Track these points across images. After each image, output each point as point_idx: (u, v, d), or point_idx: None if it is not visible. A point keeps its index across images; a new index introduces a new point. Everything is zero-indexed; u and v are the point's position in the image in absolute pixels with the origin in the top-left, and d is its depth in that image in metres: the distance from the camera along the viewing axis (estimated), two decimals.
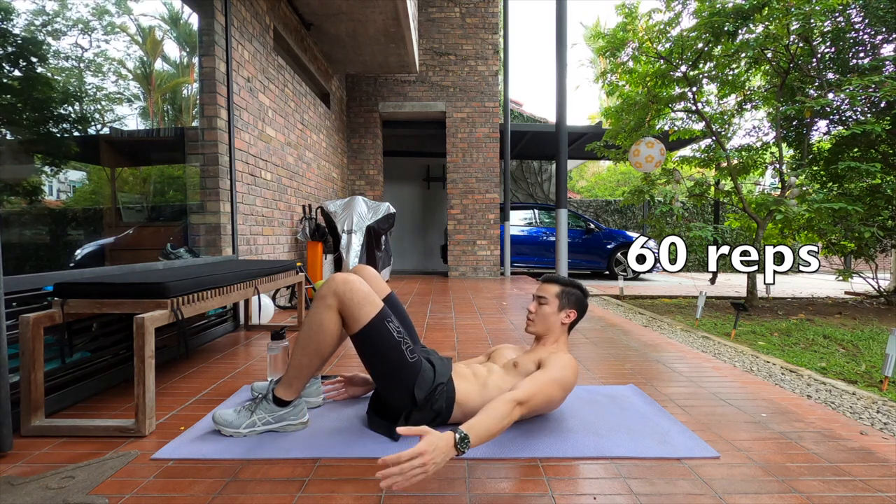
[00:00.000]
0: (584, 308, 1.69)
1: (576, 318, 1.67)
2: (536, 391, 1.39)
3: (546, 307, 1.64)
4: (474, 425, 1.17)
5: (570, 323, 1.67)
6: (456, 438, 1.10)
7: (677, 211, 5.43)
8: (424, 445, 1.05)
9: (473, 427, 1.16)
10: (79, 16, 2.43)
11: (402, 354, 1.43)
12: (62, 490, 1.16)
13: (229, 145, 3.20)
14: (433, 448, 1.05)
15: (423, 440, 1.06)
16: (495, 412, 1.23)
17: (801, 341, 3.55)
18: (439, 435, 1.09)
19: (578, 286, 1.69)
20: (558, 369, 1.48)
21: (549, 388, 1.44)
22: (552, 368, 1.48)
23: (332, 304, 1.43)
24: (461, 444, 1.10)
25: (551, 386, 1.45)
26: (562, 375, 1.47)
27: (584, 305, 1.69)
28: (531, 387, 1.39)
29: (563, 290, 1.66)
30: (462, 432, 1.12)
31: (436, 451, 1.05)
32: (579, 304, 1.67)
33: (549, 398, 1.46)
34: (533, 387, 1.39)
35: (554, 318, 1.64)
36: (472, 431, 1.14)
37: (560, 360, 1.51)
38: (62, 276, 1.76)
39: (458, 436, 1.11)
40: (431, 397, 1.44)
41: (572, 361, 1.54)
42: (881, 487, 1.21)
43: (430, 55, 7.18)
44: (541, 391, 1.41)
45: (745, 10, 4.65)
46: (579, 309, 1.67)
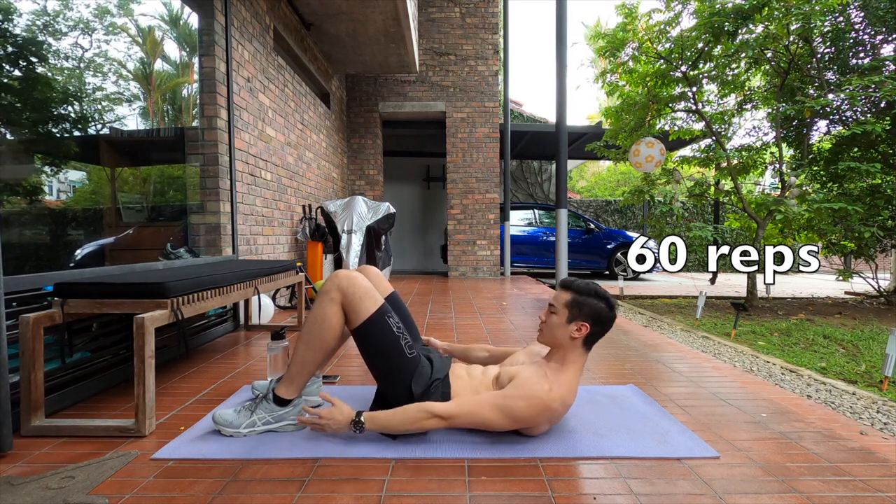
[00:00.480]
0: (602, 321, 1.43)
1: (589, 332, 1.42)
2: (464, 412, 1.37)
3: (554, 317, 1.45)
4: (377, 416, 1.38)
5: (584, 338, 1.43)
6: (353, 419, 1.38)
7: (677, 211, 5.43)
8: (326, 412, 1.40)
9: (376, 417, 1.38)
10: (79, 16, 2.43)
11: (400, 349, 1.44)
12: (62, 490, 1.16)
13: (229, 145, 3.20)
14: (331, 417, 1.39)
15: (331, 409, 1.40)
16: (404, 414, 1.38)
17: (801, 341, 3.55)
18: (344, 411, 1.40)
19: (597, 294, 1.43)
20: (511, 398, 1.36)
21: (483, 412, 1.36)
22: (504, 394, 1.38)
23: (335, 297, 1.45)
24: (355, 426, 1.38)
25: (488, 409, 1.36)
26: (511, 406, 1.35)
27: (604, 318, 1.43)
28: (462, 405, 1.38)
29: (575, 298, 1.43)
30: (361, 418, 1.38)
31: (332, 420, 1.39)
32: (595, 316, 1.42)
33: (483, 421, 1.37)
34: (463, 406, 1.38)
35: (561, 332, 1.43)
36: (371, 420, 1.38)
37: (524, 389, 1.36)
38: (62, 276, 1.76)
39: (356, 418, 1.38)
40: (427, 392, 1.45)
41: (543, 396, 1.35)
42: (881, 487, 1.21)
43: (430, 55, 7.17)
44: (472, 412, 1.36)
45: (745, 10, 4.65)
46: (595, 322, 1.42)
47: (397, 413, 1.38)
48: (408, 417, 1.37)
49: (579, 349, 1.45)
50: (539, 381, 1.39)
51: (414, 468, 1.29)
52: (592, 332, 1.43)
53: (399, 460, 1.32)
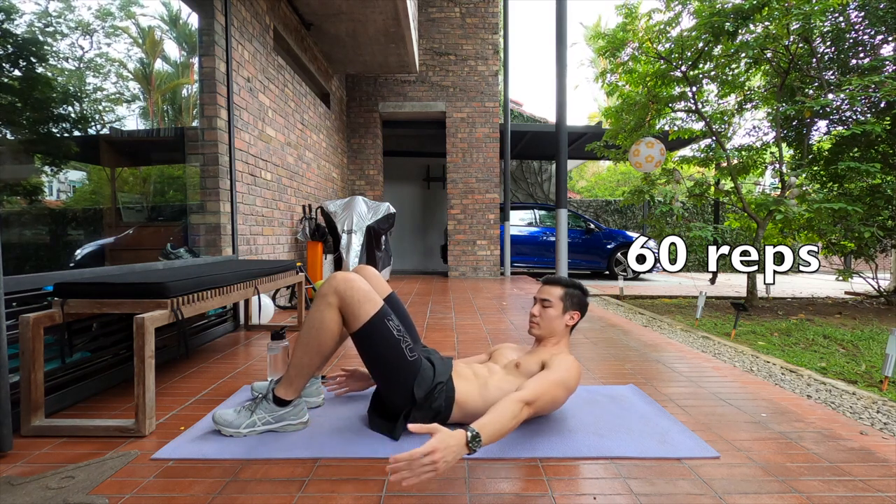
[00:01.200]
0: (586, 308, 1.70)
1: (579, 319, 1.67)
2: (543, 392, 1.39)
3: (551, 310, 1.64)
4: (485, 424, 1.17)
5: (573, 325, 1.67)
6: (468, 437, 1.10)
7: (677, 211, 5.43)
8: (436, 443, 1.05)
9: (485, 426, 1.16)
10: (79, 16, 2.43)
11: (401, 353, 1.43)
12: (62, 490, 1.16)
13: (229, 145, 3.20)
14: (444, 446, 1.05)
15: (435, 437, 1.06)
16: (505, 411, 1.23)
17: (801, 341, 3.55)
18: (450, 433, 1.08)
19: (580, 287, 1.69)
20: (563, 371, 1.48)
21: (554, 390, 1.44)
22: (557, 370, 1.48)
23: (333, 301, 1.43)
24: (473, 443, 1.11)
25: (557, 387, 1.45)
26: (566, 377, 1.48)
27: (586, 306, 1.70)
28: (538, 387, 1.39)
29: (567, 292, 1.66)
30: (474, 430, 1.12)
31: (447, 450, 1.05)
32: (581, 305, 1.68)
33: (554, 399, 1.46)
34: (540, 388, 1.39)
35: (558, 322, 1.64)
36: (483, 430, 1.14)
37: (564, 362, 1.51)
38: (62, 276, 1.76)
39: (469, 434, 1.11)
40: (431, 396, 1.44)
41: (576, 363, 1.54)
42: (881, 487, 1.21)
43: (430, 55, 7.17)
44: (547, 392, 1.41)
45: (745, 10, 4.65)
46: (582, 310, 1.68)
47: (500, 414, 1.23)
48: (510, 414, 1.24)
49: (568, 335, 1.68)
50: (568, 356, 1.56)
51: None
52: (580, 318, 1.68)
53: None
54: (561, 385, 1.46)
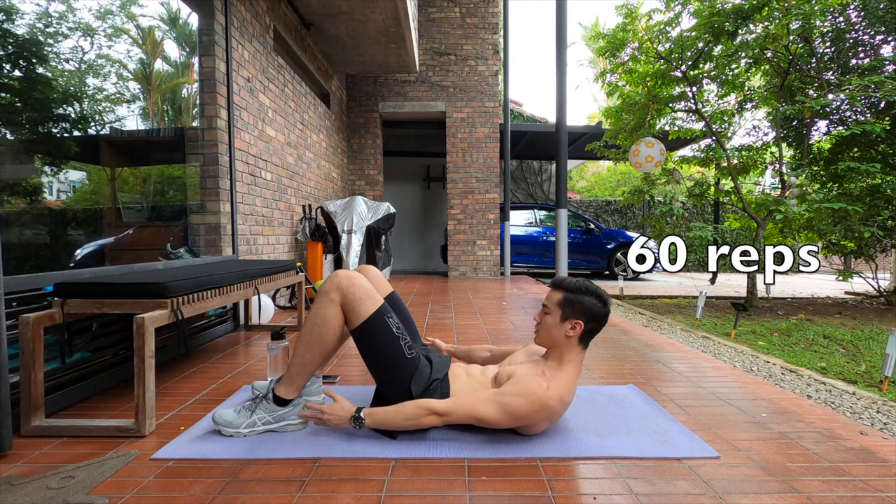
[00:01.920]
0: (596, 317, 1.43)
1: (584, 329, 1.43)
2: (462, 407, 1.38)
3: (548, 317, 1.46)
4: (376, 412, 1.41)
5: (579, 336, 1.44)
6: (353, 415, 1.40)
7: (677, 211, 5.42)
8: (328, 408, 1.42)
9: (374, 413, 1.40)
10: (79, 16, 2.43)
11: (400, 349, 1.44)
12: (62, 490, 1.16)
13: (229, 145, 3.19)
14: (332, 412, 1.41)
15: (332, 404, 1.43)
16: (402, 410, 1.39)
17: (801, 341, 3.55)
18: (343, 406, 1.42)
19: (588, 290, 1.44)
20: (509, 395, 1.36)
21: (481, 408, 1.37)
22: (502, 392, 1.38)
23: (335, 298, 1.45)
24: (354, 422, 1.40)
25: (485, 406, 1.37)
26: (510, 403, 1.35)
27: (598, 314, 1.43)
28: (459, 402, 1.40)
29: (567, 297, 1.44)
30: (361, 413, 1.40)
31: (334, 415, 1.41)
32: (588, 313, 1.42)
33: (480, 418, 1.37)
34: (460, 403, 1.39)
35: (556, 331, 1.44)
36: (370, 416, 1.40)
37: (520, 386, 1.37)
38: (62, 276, 1.76)
39: (356, 414, 1.40)
40: (427, 392, 1.45)
41: (540, 394, 1.35)
42: (881, 487, 1.21)
43: (430, 55, 7.17)
44: (468, 409, 1.37)
45: (744, 10, 4.65)
46: (588, 319, 1.43)
47: (396, 409, 1.39)
48: (406, 414, 1.38)
49: (576, 347, 1.45)
50: (536, 379, 1.39)
51: (414, 468, 1.29)
52: (587, 329, 1.44)
53: (399, 460, 1.32)
54: (495, 406, 1.36)
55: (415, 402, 1.39)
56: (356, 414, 1.40)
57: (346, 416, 1.40)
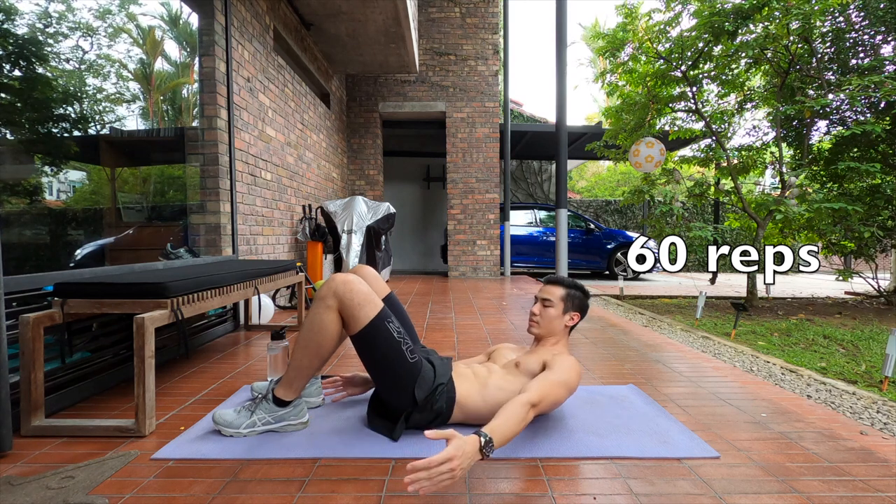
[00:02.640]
0: (586, 310, 1.71)
1: (579, 320, 1.68)
2: (547, 393, 1.39)
3: (551, 310, 1.64)
4: (496, 428, 1.16)
5: (573, 325, 1.68)
6: (481, 442, 1.09)
7: (677, 211, 5.42)
8: (453, 450, 1.03)
9: (496, 430, 1.16)
10: (79, 16, 2.43)
11: (402, 355, 1.42)
12: (62, 490, 1.16)
13: (229, 145, 3.20)
14: (461, 453, 1.03)
15: (452, 444, 1.04)
16: (514, 415, 1.23)
17: (801, 341, 3.55)
18: (465, 439, 1.07)
19: (581, 288, 1.70)
20: (565, 371, 1.48)
21: (557, 390, 1.44)
22: (559, 370, 1.48)
23: (331, 304, 1.42)
24: (486, 448, 1.10)
25: (559, 388, 1.44)
26: (568, 378, 1.48)
27: (587, 307, 1.71)
28: (542, 388, 1.38)
29: (568, 292, 1.66)
30: (486, 435, 1.11)
31: (464, 456, 1.04)
32: (582, 307, 1.68)
33: (556, 399, 1.46)
34: (543, 388, 1.39)
35: (558, 322, 1.64)
36: (494, 434, 1.14)
37: (565, 362, 1.51)
38: (62, 276, 1.76)
39: (483, 439, 1.10)
40: (432, 397, 1.44)
41: (576, 364, 1.54)
42: (881, 487, 1.21)
43: (430, 55, 7.17)
44: (550, 393, 1.41)
45: (744, 10, 4.65)
46: (582, 312, 1.68)
47: (508, 417, 1.22)
48: (518, 417, 1.24)
49: (567, 335, 1.69)
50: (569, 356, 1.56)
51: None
52: (580, 320, 1.68)
53: (399, 460, 1.32)
54: (563, 385, 1.46)
55: (517, 402, 1.28)
56: (485, 439, 1.11)
57: (475, 448, 1.09)
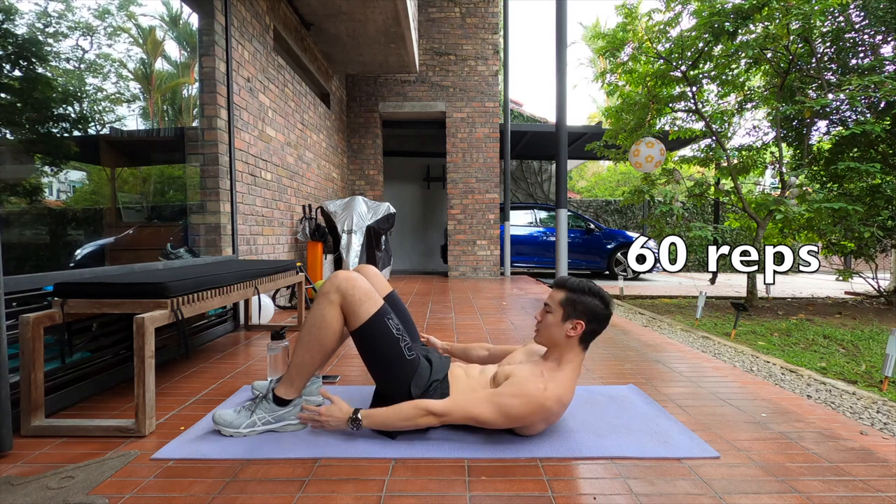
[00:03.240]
0: (598, 318, 1.43)
1: (585, 330, 1.42)
2: (460, 408, 1.38)
3: (549, 316, 1.45)
4: (373, 414, 1.41)
5: (580, 336, 1.43)
6: (351, 416, 1.41)
7: (677, 211, 5.42)
8: (325, 409, 1.43)
9: (371, 415, 1.41)
10: (80, 16, 2.43)
11: (400, 351, 1.44)
12: (62, 490, 1.16)
13: (229, 145, 3.19)
14: (330, 414, 1.43)
15: (330, 406, 1.44)
16: (399, 411, 1.39)
17: (801, 341, 3.55)
18: (341, 408, 1.43)
19: (591, 291, 1.43)
20: (507, 396, 1.36)
21: (478, 408, 1.36)
22: (499, 392, 1.38)
23: (334, 300, 1.44)
24: (352, 423, 1.41)
25: (482, 406, 1.36)
26: (506, 403, 1.35)
27: (600, 315, 1.42)
28: (456, 403, 1.39)
29: (569, 296, 1.43)
30: (358, 415, 1.41)
31: (331, 416, 1.42)
32: (590, 313, 1.41)
33: (477, 418, 1.37)
34: (457, 403, 1.39)
35: (557, 331, 1.43)
36: (368, 418, 1.41)
37: (518, 387, 1.36)
38: (62, 276, 1.76)
39: (353, 416, 1.41)
40: (426, 393, 1.45)
41: (537, 395, 1.34)
42: (881, 487, 1.21)
43: (430, 55, 7.17)
44: (467, 409, 1.37)
45: (744, 10, 4.65)
46: (590, 320, 1.42)
47: (393, 410, 1.40)
48: (403, 414, 1.38)
49: (576, 348, 1.44)
50: (534, 379, 1.38)
51: (414, 468, 1.29)
52: (588, 329, 1.42)
53: (399, 460, 1.32)
54: (494, 407, 1.35)
55: (412, 403, 1.39)
56: (353, 415, 1.41)
57: (343, 417, 1.42)
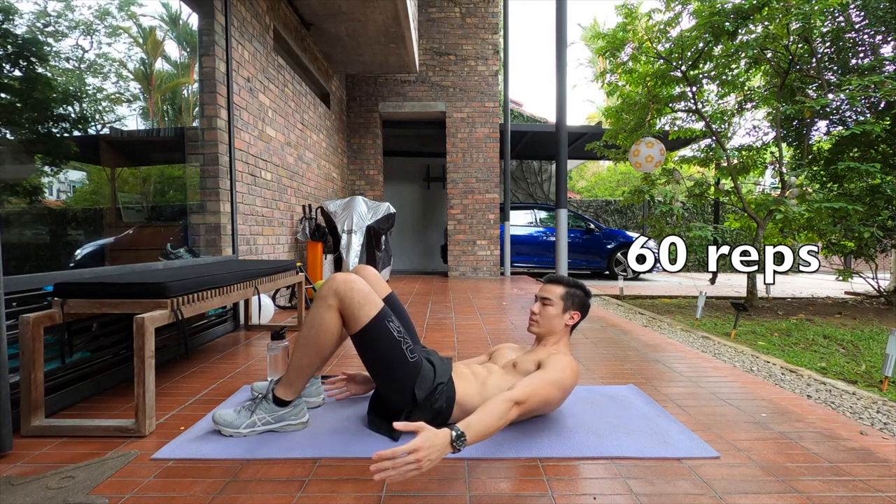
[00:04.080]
0: (587, 309, 1.69)
1: (579, 319, 1.67)
2: (534, 391, 1.39)
3: (551, 308, 1.63)
4: (472, 423, 1.16)
5: (573, 324, 1.66)
6: (452, 436, 1.10)
7: (677, 211, 5.42)
8: (420, 441, 1.05)
9: (471, 425, 1.16)
10: (80, 16, 2.43)
11: (402, 354, 1.42)
12: (62, 490, 1.16)
13: (229, 145, 3.19)
14: (429, 445, 1.05)
15: (419, 436, 1.07)
16: (493, 411, 1.23)
17: (801, 341, 3.55)
18: (435, 432, 1.09)
19: (582, 287, 1.69)
20: (558, 371, 1.47)
21: (546, 389, 1.43)
22: (551, 370, 1.47)
23: (332, 303, 1.43)
24: (457, 442, 1.10)
25: (549, 387, 1.44)
26: (561, 377, 1.47)
27: (588, 307, 1.69)
28: (529, 387, 1.38)
29: (568, 291, 1.65)
30: (459, 430, 1.12)
31: (431, 448, 1.06)
32: (583, 305, 1.67)
33: (546, 399, 1.45)
34: (531, 387, 1.38)
35: (558, 321, 1.63)
36: (469, 430, 1.14)
37: (560, 362, 1.50)
38: (62, 276, 1.76)
39: (454, 433, 1.11)
40: (431, 397, 1.44)
41: (573, 363, 1.53)
42: (881, 487, 1.21)
43: (430, 55, 7.17)
44: (538, 392, 1.40)
45: (744, 10, 4.65)
46: (583, 311, 1.67)
47: (488, 413, 1.22)
48: (497, 413, 1.23)
49: (567, 335, 1.67)
50: (566, 356, 1.55)
51: None
52: (581, 319, 1.67)
53: None
54: (554, 385, 1.45)
55: (498, 399, 1.28)
56: (456, 433, 1.11)
57: (444, 442, 1.09)
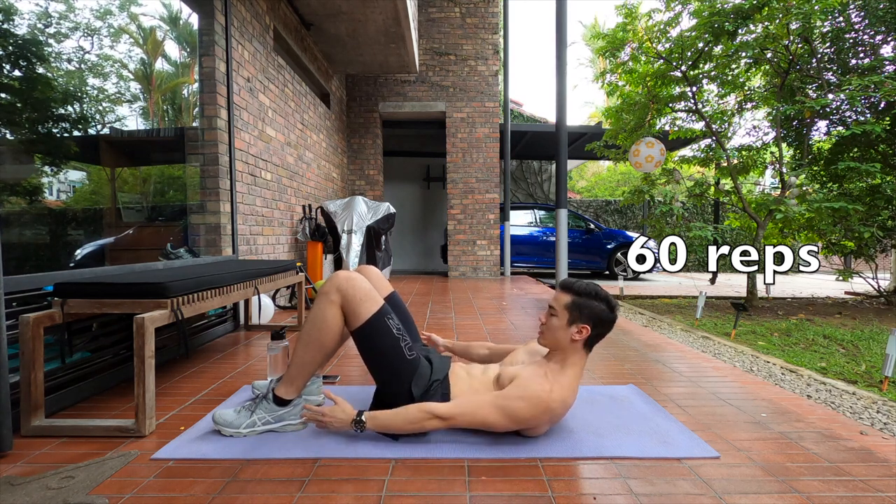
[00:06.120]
0: (603, 323, 1.41)
1: (590, 334, 1.41)
2: (465, 412, 1.37)
3: (554, 319, 1.43)
4: (378, 416, 1.40)
5: (584, 340, 1.42)
6: (355, 417, 1.40)
7: (677, 211, 5.42)
8: (329, 410, 1.42)
9: (376, 417, 1.40)
10: (80, 16, 2.43)
11: (400, 351, 1.44)
12: (62, 490, 1.16)
13: (229, 145, 3.19)
14: (334, 415, 1.41)
15: (333, 406, 1.43)
16: (405, 414, 1.38)
17: (801, 341, 3.55)
18: (344, 409, 1.42)
19: (597, 296, 1.41)
20: (511, 399, 1.35)
21: (484, 412, 1.36)
22: (504, 395, 1.37)
23: (335, 299, 1.45)
24: (355, 425, 1.40)
25: (488, 410, 1.36)
26: (510, 407, 1.34)
27: (605, 320, 1.41)
28: (461, 406, 1.38)
29: (575, 301, 1.41)
30: (362, 417, 1.40)
31: (335, 418, 1.41)
32: (595, 318, 1.40)
33: (483, 422, 1.37)
34: (463, 406, 1.38)
35: (562, 334, 1.41)
36: (372, 420, 1.40)
37: (523, 389, 1.36)
38: (62, 276, 1.76)
39: (357, 418, 1.40)
40: (427, 393, 1.45)
41: (544, 396, 1.34)
42: (881, 487, 1.21)
43: (430, 55, 7.17)
44: (475, 413, 1.36)
45: (745, 10, 4.65)
46: (595, 324, 1.40)
47: (398, 413, 1.39)
48: (408, 417, 1.37)
49: (580, 351, 1.44)
50: (540, 381, 1.38)
51: (414, 468, 1.29)
52: (593, 334, 1.41)
53: (399, 460, 1.32)
54: (498, 410, 1.35)
55: (417, 406, 1.38)
56: (357, 417, 1.40)
57: (347, 419, 1.40)
